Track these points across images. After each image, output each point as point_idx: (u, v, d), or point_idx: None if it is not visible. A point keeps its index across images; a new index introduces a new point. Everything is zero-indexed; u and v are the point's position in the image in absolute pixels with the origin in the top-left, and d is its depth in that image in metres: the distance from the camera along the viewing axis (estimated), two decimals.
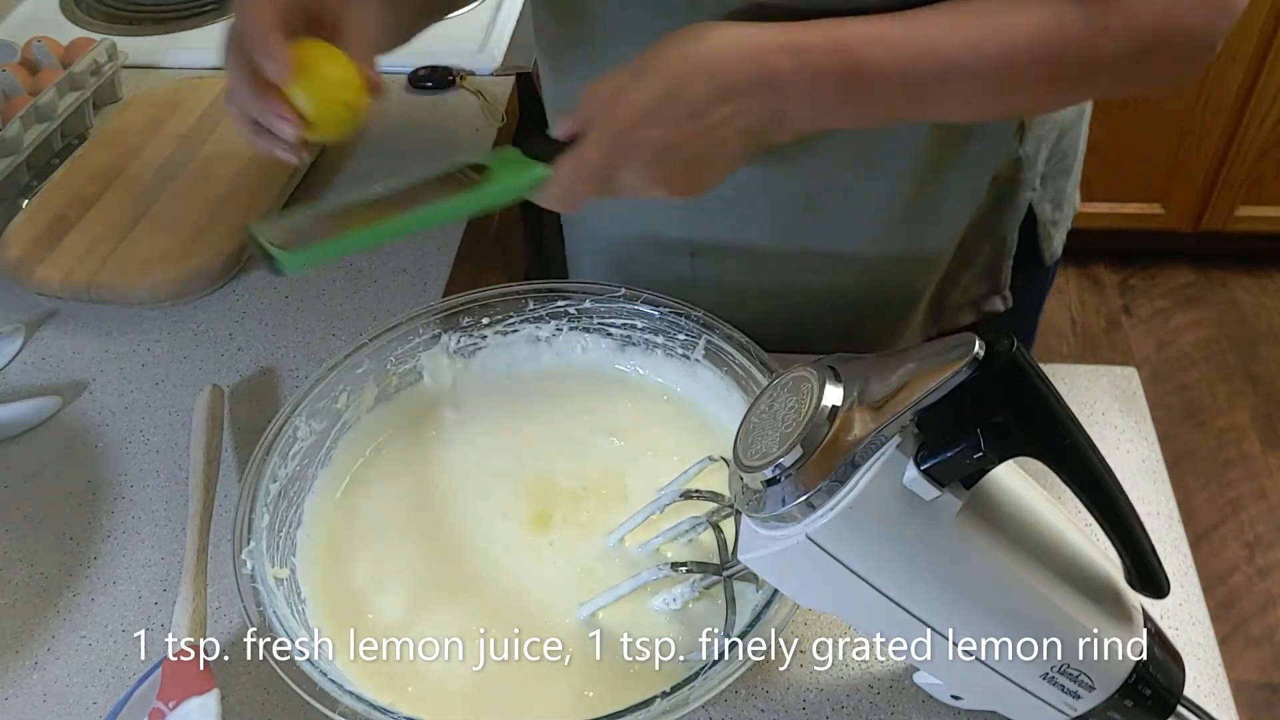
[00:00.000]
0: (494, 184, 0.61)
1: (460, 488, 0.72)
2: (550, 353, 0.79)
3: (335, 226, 0.60)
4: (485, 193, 0.61)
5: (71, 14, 1.30)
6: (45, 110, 1.02)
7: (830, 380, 0.48)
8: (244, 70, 0.62)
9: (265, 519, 0.65)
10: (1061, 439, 0.46)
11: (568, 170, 0.60)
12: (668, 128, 0.58)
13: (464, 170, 0.63)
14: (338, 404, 0.72)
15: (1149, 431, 0.76)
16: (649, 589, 0.64)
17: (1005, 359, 0.44)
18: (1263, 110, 2.02)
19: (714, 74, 0.58)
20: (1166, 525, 0.70)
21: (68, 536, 0.74)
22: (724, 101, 0.58)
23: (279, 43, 0.60)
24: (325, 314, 0.89)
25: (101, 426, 0.81)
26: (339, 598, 0.66)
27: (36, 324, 0.90)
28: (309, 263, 0.58)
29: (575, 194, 0.62)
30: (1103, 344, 2.22)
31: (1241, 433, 2.04)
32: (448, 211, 0.61)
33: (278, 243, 0.58)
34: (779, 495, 0.47)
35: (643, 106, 0.58)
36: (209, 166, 1.00)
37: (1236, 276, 2.33)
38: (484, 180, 0.62)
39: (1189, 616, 0.65)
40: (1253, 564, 1.84)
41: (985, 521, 0.49)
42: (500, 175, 0.62)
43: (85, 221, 0.95)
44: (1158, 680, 0.54)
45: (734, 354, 0.72)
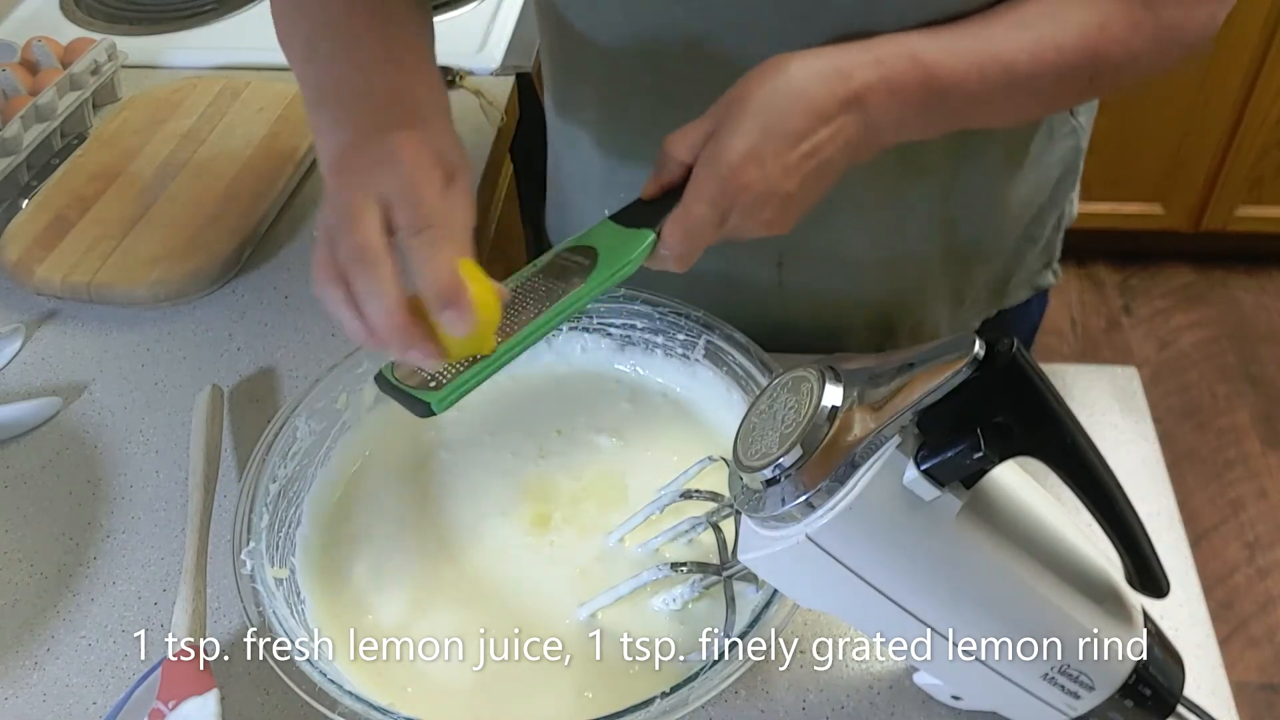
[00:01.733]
0: (606, 265, 0.59)
1: (460, 488, 0.72)
2: (550, 352, 0.79)
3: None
4: (601, 276, 0.58)
5: (71, 14, 1.30)
6: (45, 110, 1.02)
7: (830, 380, 0.48)
8: (402, 291, 0.54)
9: (265, 519, 0.65)
10: (1061, 439, 0.46)
11: (679, 232, 0.58)
12: (770, 165, 0.57)
13: (566, 257, 0.61)
14: (337, 404, 0.72)
15: (1149, 431, 0.76)
16: (649, 589, 0.64)
17: (1005, 359, 0.44)
18: (1263, 110, 2.02)
19: (806, 100, 0.57)
20: (1166, 525, 0.70)
21: (68, 536, 0.74)
22: (820, 125, 0.57)
23: (468, 292, 0.54)
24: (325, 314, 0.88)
25: (101, 426, 0.81)
26: (339, 598, 0.66)
27: (36, 324, 0.90)
28: (456, 398, 0.56)
29: (689, 254, 0.59)
30: (1103, 344, 2.22)
31: (1241, 433, 2.04)
32: (570, 306, 0.58)
33: (412, 383, 0.56)
34: (779, 495, 0.47)
35: (742, 150, 0.56)
36: (209, 166, 1.00)
37: (1236, 276, 2.33)
38: (595, 263, 0.59)
39: (1189, 616, 0.65)
40: (1253, 564, 1.84)
41: (985, 521, 0.49)
42: (608, 253, 0.59)
43: (85, 221, 0.95)
44: (1158, 680, 0.54)
45: (734, 354, 0.72)
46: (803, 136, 0.57)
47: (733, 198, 0.57)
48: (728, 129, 0.57)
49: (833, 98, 0.57)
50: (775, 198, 0.58)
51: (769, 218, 0.59)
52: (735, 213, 0.58)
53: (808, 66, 0.57)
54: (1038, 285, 0.91)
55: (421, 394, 0.56)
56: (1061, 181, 0.84)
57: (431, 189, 0.56)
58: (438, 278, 0.54)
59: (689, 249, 0.58)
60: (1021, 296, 0.90)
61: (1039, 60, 0.60)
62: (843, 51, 0.58)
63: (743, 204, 0.57)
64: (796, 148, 0.57)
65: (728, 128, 0.57)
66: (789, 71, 0.57)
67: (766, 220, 0.59)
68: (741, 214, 0.58)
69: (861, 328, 0.85)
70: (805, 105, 0.57)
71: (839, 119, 0.57)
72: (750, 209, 0.58)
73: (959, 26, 0.61)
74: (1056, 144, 0.81)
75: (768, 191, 0.57)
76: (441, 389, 0.56)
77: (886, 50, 0.59)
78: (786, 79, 0.57)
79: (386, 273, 0.54)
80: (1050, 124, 0.79)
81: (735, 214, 0.58)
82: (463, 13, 1.24)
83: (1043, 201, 0.83)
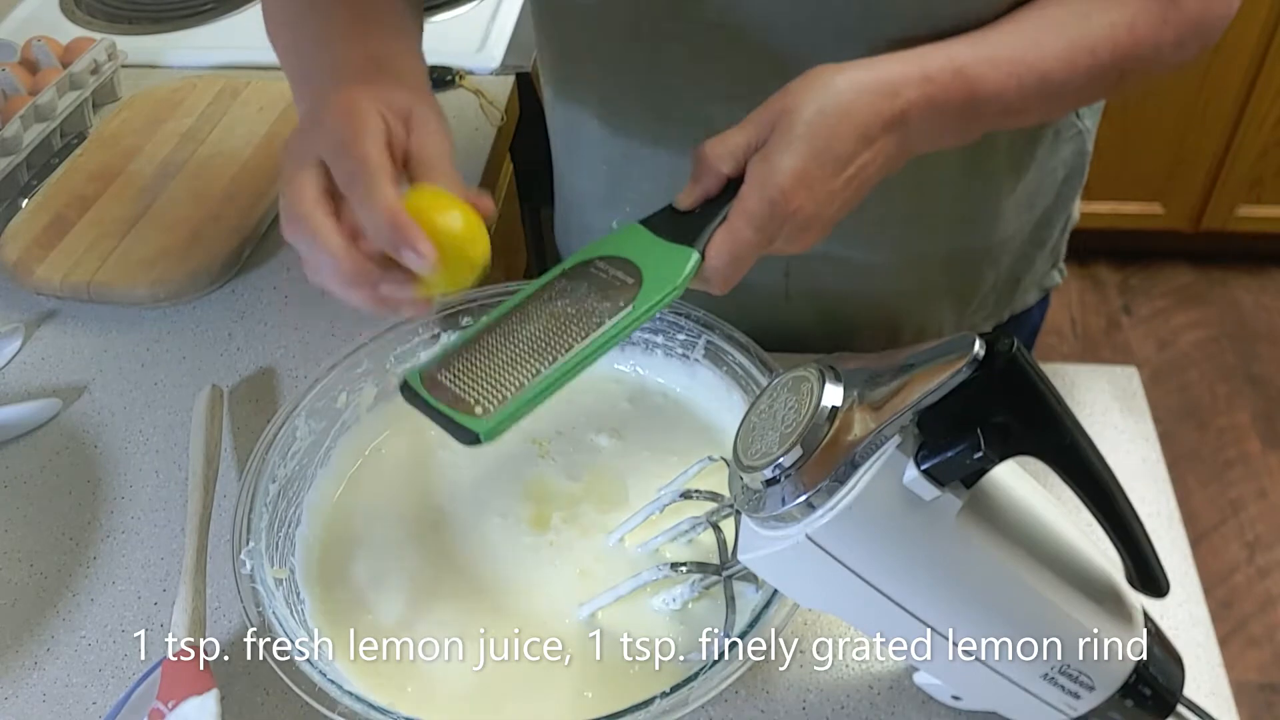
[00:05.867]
0: (653, 287, 0.55)
1: (460, 488, 0.72)
2: None
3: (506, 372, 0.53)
4: (649, 300, 0.55)
5: (71, 14, 1.30)
6: (45, 110, 1.01)
7: (830, 380, 0.48)
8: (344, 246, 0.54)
9: (264, 519, 0.65)
10: (1061, 439, 0.46)
11: (725, 256, 0.56)
12: (817, 190, 0.55)
13: (602, 268, 0.57)
14: (337, 404, 0.72)
15: (1149, 431, 0.76)
16: (649, 589, 0.64)
17: (1005, 359, 0.44)
18: (1263, 110, 2.02)
19: (853, 121, 0.55)
20: (1166, 525, 0.70)
21: (68, 536, 0.74)
22: (866, 147, 0.56)
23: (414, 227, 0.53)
24: (325, 314, 0.88)
25: (101, 426, 0.81)
26: (338, 598, 0.66)
27: (36, 324, 0.90)
28: (505, 428, 0.52)
29: (733, 278, 0.57)
30: (1103, 344, 2.22)
31: (1241, 433, 2.04)
32: (620, 331, 0.54)
33: (445, 400, 0.52)
34: (779, 495, 0.47)
35: (793, 173, 0.54)
36: (209, 166, 1.00)
37: (1236, 276, 2.33)
38: (639, 282, 0.56)
39: (1189, 616, 0.65)
40: (1253, 564, 1.84)
41: (985, 521, 0.49)
42: (652, 274, 0.56)
43: (85, 221, 0.95)
44: (1158, 680, 0.54)
45: (734, 354, 0.72)
46: (850, 160, 0.56)
47: (781, 222, 0.55)
48: (778, 148, 0.55)
49: (879, 118, 0.55)
50: (819, 222, 0.57)
51: (809, 240, 0.58)
52: (781, 237, 0.56)
53: (855, 83, 0.55)
54: (1045, 286, 0.91)
55: (468, 421, 0.51)
56: (1067, 184, 0.84)
57: (361, 137, 0.55)
58: (378, 222, 0.53)
59: (735, 273, 0.56)
60: (1031, 299, 0.90)
61: (1073, 66, 0.60)
62: (891, 64, 0.57)
63: (789, 229, 0.56)
64: (843, 172, 0.56)
65: (778, 147, 0.55)
66: (836, 86, 0.55)
67: (806, 243, 0.58)
68: (786, 239, 0.57)
69: (868, 331, 0.85)
70: (852, 127, 0.55)
71: (882, 139, 0.56)
72: (795, 233, 0.56)
73: (995, 34, 0.60)
74: (1062, 147, 0.81)
75: (814, 216, 0.56)
76: (490, 416, 0.51)
77: (934, 64, 0.57)
78: (835, 97, 0.55)
79: (323, 234, 0.54)
80: (1056, 127, 0.79)
81: (781, 238, 0.56)
82: (463, 13, 1.23)
83: (1048, 204, 0.83)
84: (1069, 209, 0.87)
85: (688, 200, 0.58)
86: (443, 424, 0.52)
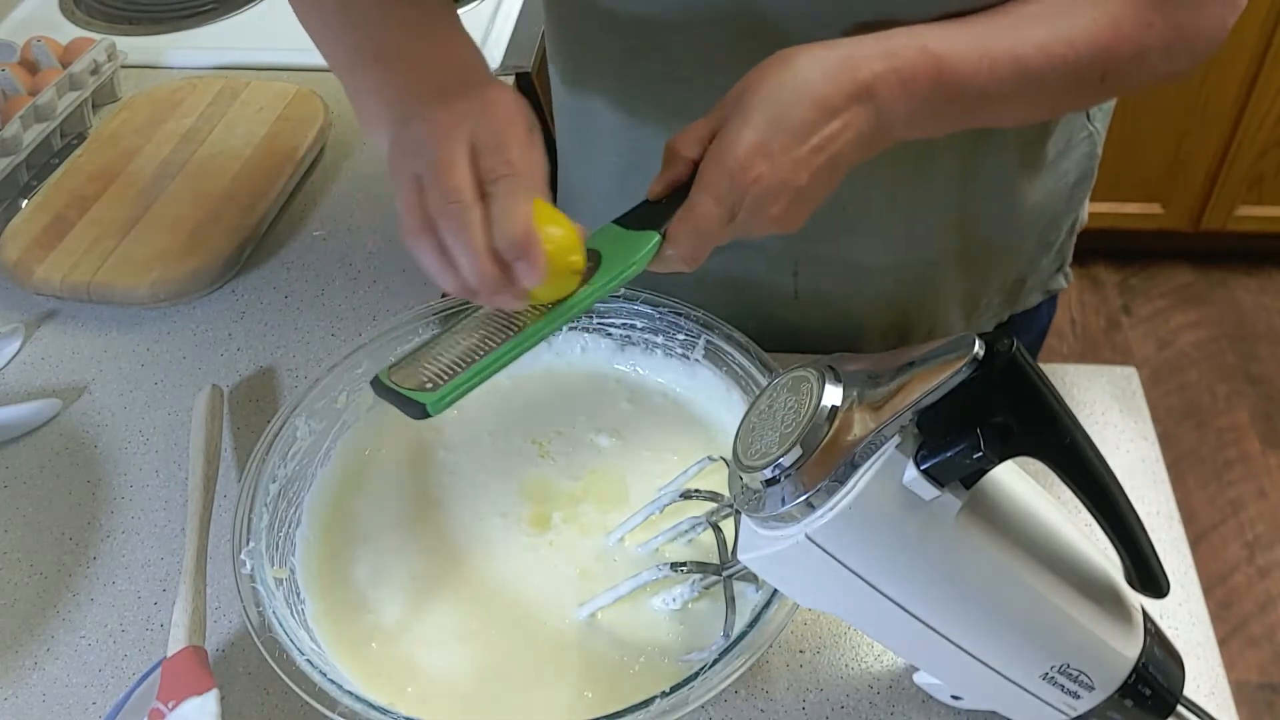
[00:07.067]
0: (610, 267, 0.57)
1: (460, 488, 0.72)
2: (549, 352, 0.79)
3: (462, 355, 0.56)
4: (604, 278, 0.57)
5: (71, 14, 1.30)
6: (45, 110, 1.02)
7: (830, 380, 0.48)
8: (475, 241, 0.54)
9: (265, 519, 0.65)
10: (1061, 439, 0.46)
11: (686, 230, 0.56)
12: (778, 159, 0.55)
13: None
14: (337, 404, 0.72)
15: (1149, 431, 0.76)
16: (649, 589, 0.64)
17: (1005, 359, 0.44)
18: (1263, 110, 2.02)
19: (813, 92, 0.56)
20: (1166, 525, 0.70)
21: (68, 536, 0.74)
22: (829, 118, 0.56)
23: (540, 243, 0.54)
24: (325, 314, 0.89)
25: (101, 427, 0.81)
26: (338, 597, 0.66)
27: (36, 324, 0.90)
28: (452, 400, 0.55)
29: (697, 253, 0.57)
30: (1103, 344, 2.22)
31: (1241, 433, 2.04)
32: (572, 308, 0.57)
33: (410, 385, 0.55)
34: (779, 495, 0.47)
35: (750, 144, 0.55)
36: (208, 166, 1.00)
37: (1236, 276, 2.33)
38: (598, 265, 0.57)
39: (1189, 616, 0.65)
40: (1253, 564, 1.84)
41: (985, 521, 0.49)
42: (612, 256, 0.58)
43: (85, 221, 0.95)
44: (1158, 680, 0.54)
45: (733, 354, 0.72)
46: (812, 129, 0.56)
47: (741, 192, 0.56)
48: (734, 123, 0.56)
49: (840, 90, 0.56)
50: (785, 192, 0.57)
51: (778, 213, 0.58)
52: (744, 209, 0.56)
53: (816, 59, 0.57)
54: (1050, 289, 0.91)
55: (417, 395, 0.55)
56: (1077, 187, 0.84)
57: (518, 138, 0.57)
58: (514, 229, 0.54)
59: (696, 247, 0.57)
60: (1034, 300, 0.90)
61: (1051, 56, 0.60)
62: (854, 44, 0.58)
63: (751, 199, 0.56)
64: (806, 141, 0.56)
65: (734, 122, 0.56)
66: (796, 64, 0.56)
67: (775, 216, 0.58)
68: (750, 210, 0.57)
69: (875, 332, 0.85)
70: (812, 97, 0.56)
71: (848, 111, 0.56)
72: (759, 204, 0.56)
73: (973, 20, 0.61)
74: (1073, 150, 0.81)
75: (777, 185, 0.56)
76: (438, 390, 0.55)
77: (899, 41, 0.58)
78: (793, 72, 0.56)
79: (475, 220, 0.54)
80: (1069, 130, 0.79)
81: (744, 210, 0.57)
82: (463, 13, 1.24)
83: (1058, 208, 0.83)
84: (1077, 211, 0.87)
85: (657, 188, 0.59)
86: (398, 404, 0.55)
